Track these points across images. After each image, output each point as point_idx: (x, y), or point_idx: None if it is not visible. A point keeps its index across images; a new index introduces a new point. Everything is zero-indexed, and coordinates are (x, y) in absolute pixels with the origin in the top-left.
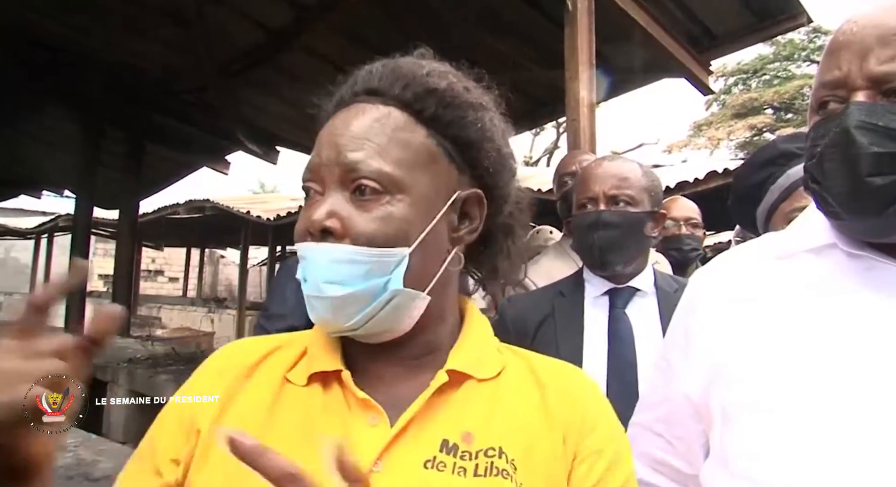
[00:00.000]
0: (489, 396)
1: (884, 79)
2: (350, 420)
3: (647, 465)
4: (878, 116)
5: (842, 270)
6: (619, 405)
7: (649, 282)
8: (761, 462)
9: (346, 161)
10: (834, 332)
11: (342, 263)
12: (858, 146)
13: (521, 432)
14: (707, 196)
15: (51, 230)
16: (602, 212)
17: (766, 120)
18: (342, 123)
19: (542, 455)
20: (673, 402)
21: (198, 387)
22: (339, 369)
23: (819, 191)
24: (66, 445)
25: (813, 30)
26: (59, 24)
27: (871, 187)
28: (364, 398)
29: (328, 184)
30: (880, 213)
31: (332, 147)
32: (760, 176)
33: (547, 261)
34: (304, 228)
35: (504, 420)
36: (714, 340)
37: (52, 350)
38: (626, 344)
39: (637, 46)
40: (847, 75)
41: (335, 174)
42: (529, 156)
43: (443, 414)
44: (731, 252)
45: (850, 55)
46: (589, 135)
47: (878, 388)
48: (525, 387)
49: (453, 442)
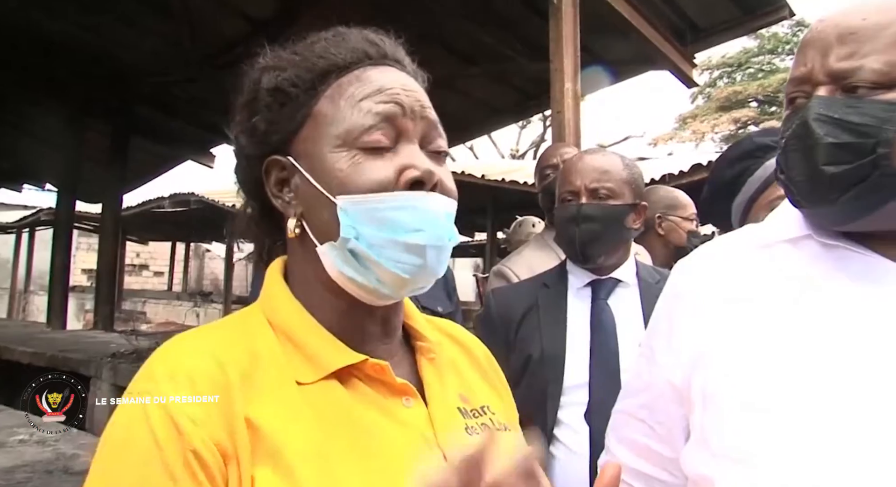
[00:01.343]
0: (444, 358)
1: (842, 75)
2: (389, 406)
3: (631, 450)
4: (834, 109)
5: (817, 260)
6: (603, 393)
7: (631, 273)
8: (741, 442)
9: (432, 118)
10: (808, 318)
11: (451, 215)
12: (815, 137)
13: (481, 386)
14: (692, 188)
15: (32, 224)
16: (583, 205)
17: (750, 113)
18: (400, 80)
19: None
20: (655, 388)
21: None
22: (364, 359)
23: (784, 180)
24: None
25: (797, 23)
26: (43, 15)
27: (825, 175)
28: (403, 383)
29: (409, 135)
30: (835, 201)
31: (412, 99)
32: (737, 169)
33: (529, 253)
34: (412, 178)
35: (469, 378)
36: (696, 327)
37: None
38: (608, 334)
39: (622, 39)
40: (811, 71)
41: (419, 128)
42: (516, 149)
43: (437, 382)
44: (714, 242)
45: (814, 53)
46: (574, 128)
47: (850, 370)
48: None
49: (462, 406)
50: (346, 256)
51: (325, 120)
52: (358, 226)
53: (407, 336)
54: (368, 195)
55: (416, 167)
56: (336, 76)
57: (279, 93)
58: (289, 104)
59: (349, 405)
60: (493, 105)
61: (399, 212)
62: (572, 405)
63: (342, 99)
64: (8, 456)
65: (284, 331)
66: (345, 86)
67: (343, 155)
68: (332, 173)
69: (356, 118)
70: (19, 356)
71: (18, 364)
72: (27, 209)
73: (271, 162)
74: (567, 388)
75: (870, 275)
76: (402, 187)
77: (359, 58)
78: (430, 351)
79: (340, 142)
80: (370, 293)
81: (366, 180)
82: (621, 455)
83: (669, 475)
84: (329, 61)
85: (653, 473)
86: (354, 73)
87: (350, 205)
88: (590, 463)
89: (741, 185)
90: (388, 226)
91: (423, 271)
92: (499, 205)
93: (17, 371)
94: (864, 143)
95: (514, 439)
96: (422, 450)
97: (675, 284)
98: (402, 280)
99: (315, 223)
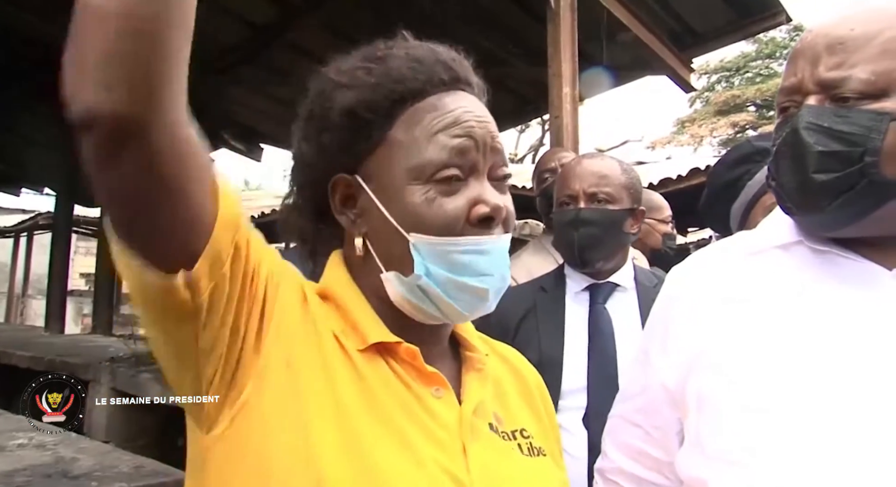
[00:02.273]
0: (489, 372)
1: (831, 84)
2: (418, 391)
3: (627, 455)
4: (823, 118)
5: (808, 265)
6: (601, 397)
7: (629, 278)
8: (735, 445)
9: (500, 147)
10: (801, 322)
11: (508, 251)
12: (805, 145)
13: (522, 409)
14: (690, 192)
15: (30, 228)
16: (581, 209)
17: (748, 117)
18: (473, 109)
19: (539, 428)
20: (651, 392)
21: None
22: (398, 341)
23: (776, 187)
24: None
25: (794, 28)
26: (41, 20)
27: (815, 183)
28: (433, 372)
29: (479, 169)
30: (824, 208)
31: (484, 131)
32: (735, 173)
33: (527, 257)
34: (482, 214)
35: (510, 399)
36: (691, 332)
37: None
38: (606, 338)
39: (620, 44)
40: (801, 81)
41: (488, 161)
42: (515, 154)
43: (476, 390)
44: (708, 248)
45: (804, 62)
46: (572, 132)
47: (843, 373)
48: (496, 363)
49: (493, 423)
50: (414, 289)
51: (399, 147)
52: (429, 264)
53: (456, 344)
54: (442, 237)
55: (486, 202)
56: (412, 102)
57: (354, 117)
58: (363, 128)
59: (374, 380)
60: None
61: (470, 257)
62: (570, 409)
63: (417, 128)
64: (7, 460)
65: (336, 300)
66: (420, 113)
67: (417, 188)
68: (407, 208)
69: (431, 152)
70: (17, 360)
71: (16, 368)
72: (25, 213)
73: (339, 178)
74: (565, 392)
75: (860, 280)
76: (473, 223)
77: (434, 83)
78: (479, 361)
79: (415, 175)
80: (427, 317)
81: (440, 217)
82: (617, 459)
83: (665, 478)
84: (405, 87)
85: (648, 477)
86: (430, 101)
87: (423, 244)
88: (588, 467)
89: (740, 189)
90: (459, 268)
91: (483, 308)
92: None
93: (15, 375)
94: (853, 152)
95: (547, 464)
96: (442, 438)
97: (670, 289)
98: (462, 315)
99: (382, 249)
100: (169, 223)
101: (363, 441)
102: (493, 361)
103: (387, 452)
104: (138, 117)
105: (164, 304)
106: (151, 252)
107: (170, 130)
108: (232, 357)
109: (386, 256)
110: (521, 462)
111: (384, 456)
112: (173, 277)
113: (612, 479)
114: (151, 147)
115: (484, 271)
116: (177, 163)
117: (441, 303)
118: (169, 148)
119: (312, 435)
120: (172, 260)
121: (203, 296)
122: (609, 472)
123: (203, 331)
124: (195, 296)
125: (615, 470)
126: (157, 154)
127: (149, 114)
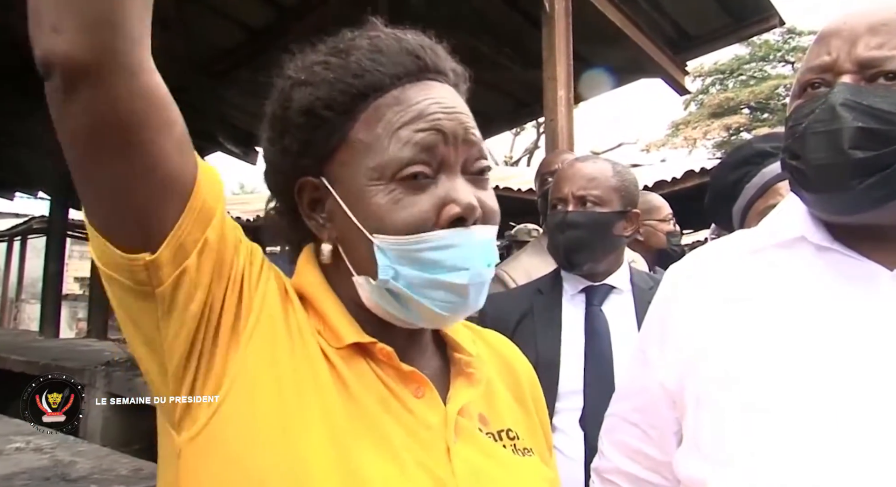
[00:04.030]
0: (480, 373)
1: (870, 64)
2: (398, 392)
3: (623, 454)
4: (862, 96)
5: (808, 265)
6: (597, 399)
7: (625, 280)
8: (733, 445)
9: (475, 139)
10: (801, 322)
11: (491, 244)
12: (843, 120)
13: (510, 408)
14: (685, 195)
15: (24, 232)
16: (568, 212)
17: (741, 120)
18: (441, 100)
19: (528, 426)
20: (648, 392)
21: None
22: (372, 342)
23: (798, 165)
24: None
25: (787, 31)
26: None
27: (851, 159)
28: (411, 370)
29: (450, 164)
30: (855, 187)
31: (455, 123)
32: (736, 175)
33: (526, 258)
34: (453, 215)
35: (498, 398)
36: (688, 331)
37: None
38: (602, 340)
39: (614, 47)
40: (836, 60)
41: (460, 155)
42: (510, 156)
43: (463, 391)
44: (706, 247)
45: (840, 42)
46: (567, 135)
47: (843, 372)
48: (488, 359)
49: (479, 426)
50: (384, 293)
51: (361, 146)
52: (396, 265)
53: (444, 346)
54: (407, 236)
55: (457, 202)
56: (374, 97)
57: (312, 116)
58: (322, 127)
59: (350, 378)
60: (487, 112)
61: (440, 252)
62: (567, 410)
63: (379, 125)
64: (5, 464)
65: (311, 301)
66: (383, 109)
67: (380, 188)
68: (370, 208)
69: (394, 150)
70: (12, 364)
71: (11, 372)
72: (19, 217)
73: (305, 182)
74: (562, 394)
75: (860, 280)
76: (443, 225)
77: (398, 75)
78: (469, 365)
79: (378, 174)
80: (405, 323)
81: (405, 219)
82: (614, 459)
83: (662, 478)
84: (366, 82)
85: (645, 476)
86: (393, 94)
87: (388, 246)
88: (585, 468)
89: (740, 190)
90: (429, 266)
91: (464, 308)
92: None
93: (10, 379)
94: (892, 131)
95: (534, 463)
96: (425, 438)
97: (667, 289)
98: (440, 317)
99: (351, 253)
100: (131, 187)
101: (348, 446)
102: (482, 353)
103: (371, 456)
104: (92, 60)
105: (125, 282)
106: (113, 226)
107: (128, 75)
108: (202, 352)
109: (356, 260)
110: (507, 461)
111: (369, 461)
112: (135, 258)
113: (609, 479)
114: (108, 92)
115: (458, 265)
116: (137, 112)
117: (414, 305)
118: (128, 94)
119: (297, 439)
120: (132, 237)
121: (165, 284)
122: (606, 472)
123: (165, 318)
124: (156, 282)
125: (612, 470)
126: (115, 100)
127: (103, 57)
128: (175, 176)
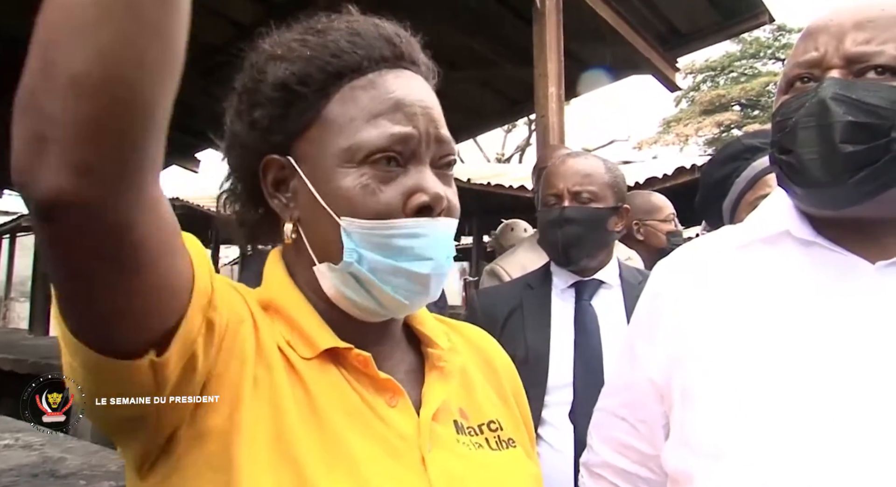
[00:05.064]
0: (454, 366)
1: (858, 58)
2: (372, 402)
3: (612, 448)
4: (852, 90)
5: (792, 259)
6: (587, 393)
7: (614, 275)
8: (720, 438)
9: (444, 137)
10: (786, 316)
11: (451, 238)
12: (834, 114)
13: (490, 400)
14: (676, 191)
15: (12, 230)
16: (565, 208)
17: (732, 116)
18: (417, 92)
19: (508, 416)
20: (637, 386)
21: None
22: (348, 348)
23: (788, 160)
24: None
25: (778, 28)
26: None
27: (842, 153)
28: (386, 378)
29: (421, 157)
30: (846, 181)
31: (427, 120)
32: (726, 170)
33: (522, 253)
34: (420, 203)
35: (477, 391)
36: (676, 326)
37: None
38: (591, 334)
39: (605, 44)
40: (824, 55)
41: (431, 148)
42: (502, 153)
43: (438, 390)
44: (693, 243)
45: (828, 37)
46: (558, 131)
47: (826, 366)
48: (464, 351)
49: (458, 420)
50: (346, 278)
51: (333, 126)
52: (361, 250)
53: (417, 341)
54: (376, 221)
55: (425, 191)
56: (350, 78)
57: (286, 91)
58: (295, 103)
59: (321, 387)
60: (478, 109)
61: (406, 240)
62: (557, 404)
63: (355, 107)
64: None
65: (279, 310)
66: (358, 91)
67: (351, 171)
68: (339, 191)
69: (369, 136)
70: (1, 363)
71: (0, 370)
72: (7, 215)
73: (270, 159)
74: (551, 388)
75: (844, 274)
76: (410, 213)
77: (375, 59)
78: (441, 358)
79: (349, 157)
80: (367, 313)
81: (374, 203)
82: (603, 453)
83: (650, 472)
84: (343, 62)
85: (634, 470)
86: (369, 77)
87: (354, 229)
88: (574, 462)
89: (730, 186)
90: (394, 252)
91: (424, 297)
92: (485, 208)
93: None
94: (881, 125)
95: (517, 456)
96: (399, 449)
97: (655, 284)
98: (402, 305)
99: (314, 235)
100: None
101: (307, 478)
102: (458, 346)
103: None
104: (117, 201)
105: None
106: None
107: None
108: None
109: (318, 244)
110: (488, 461)
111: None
112: (136, 361)
113: (598, 473)
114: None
115: (422, 255)
116: (149, 233)
117: (375, 291)
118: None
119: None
120: (139, 345)
121: (171, 378)
122: (595, 466)
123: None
124: (162, 380)
125: (601, 464)
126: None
127: (130, 196)
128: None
